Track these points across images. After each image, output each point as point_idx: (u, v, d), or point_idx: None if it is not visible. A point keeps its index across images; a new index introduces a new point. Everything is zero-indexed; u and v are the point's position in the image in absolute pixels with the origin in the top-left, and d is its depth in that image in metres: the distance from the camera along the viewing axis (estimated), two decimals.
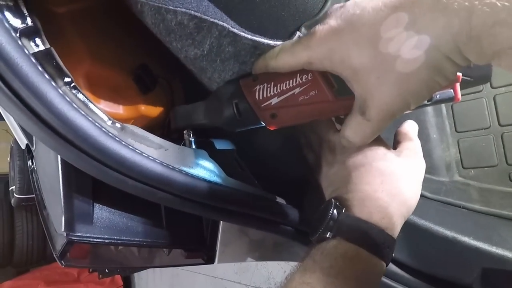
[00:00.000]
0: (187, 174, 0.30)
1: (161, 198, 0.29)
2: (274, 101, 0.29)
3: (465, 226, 0.36)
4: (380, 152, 0.31)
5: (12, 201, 1.27)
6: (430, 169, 0.44)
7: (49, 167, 0.31)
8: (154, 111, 0.40)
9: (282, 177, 0.46)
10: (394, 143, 0.35)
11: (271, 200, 0.37)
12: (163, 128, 0.44)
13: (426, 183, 0.45)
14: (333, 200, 0.30)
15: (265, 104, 0.29)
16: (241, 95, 0.30)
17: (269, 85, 0.29)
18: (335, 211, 0.29)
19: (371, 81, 0.23)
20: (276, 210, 0.37)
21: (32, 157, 0.37)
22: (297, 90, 0.28)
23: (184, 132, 0.37)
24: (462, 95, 0.37)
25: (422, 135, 0.45)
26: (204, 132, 0.46)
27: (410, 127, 0.35)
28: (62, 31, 0.33)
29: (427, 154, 0.45)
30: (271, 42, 0.30)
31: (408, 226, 0.38)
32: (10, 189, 1.30)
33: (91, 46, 0.34)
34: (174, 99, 0.43)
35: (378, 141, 0.32)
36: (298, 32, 0.33)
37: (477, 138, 0.42)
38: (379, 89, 0.23)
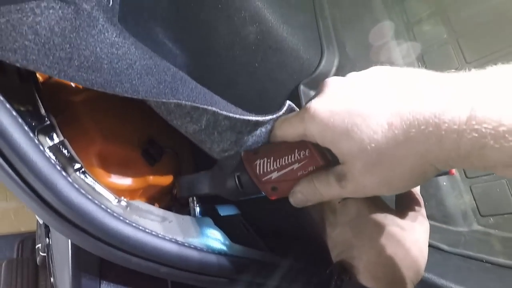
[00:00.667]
0: (190, 246, 0.31)
1: (165, 273, 0.30)
2: (274, 175, 0.30)
3: (490, 285, 0.33)
4: (380, 213, 0.31)
5: (38, 259, 1.28)
6: (446, 218, 0.42)
7: (61, 245, 0.32)
8: (162, 180, 0.42)
9: (289, 234, 0.45)
10: (396, 199, 0.34)
11: (278, 265, 0.36)
12: (172, 193, 0.46)
13: (443, 234, 0.43)
14: (337, 266, 0.29)
15: (266, 178, 0.30)
16: (243, 169, 0.31)
17: (269, 160, 0.30)
18: (339, 279, 0.28)
19: (356, 165, 0.23)
20: (283, 275, 0.36)
21: (49, 232, 0.39)
22: (296, 166, 0.29)
23: (189, 200, 0.38)
24: None
25: (431, 183, 0.44)
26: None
27: None
28: (76, 116, 0.37)
29: (440, 203, 0.44)
30: (260, 118, 0.32)
31: (427, 286, 0.35)
32: (36, 247, 1.32)
33: (103, 127, 0.37)
34: (182, 166, 0.45)
35: (377, 202, 0.32)
36: (287, 102, 0.35)
37: (490, 184, 0.40)
38: (361, 173, 0.23)
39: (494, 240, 0.38)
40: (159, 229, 0.31)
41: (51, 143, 0.28)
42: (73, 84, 0.38)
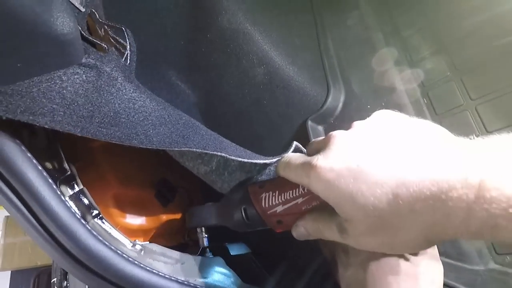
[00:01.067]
0: None
1: None
2: (279, 209, 0.30)
3: None
4: (394, 255, 0.31)
5: None
6: (461, 256, 0.41)
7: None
8: (174, 219, 0.43)
9: (301, 272, 0.45)
10: None
11: None
12: (184, 230, 0.47)
13: (458, 273, 0.42)
14: None
15: (271, 211, 0.31)
16: (249, 202, 0.32)
17: (274, 194, 0.31)
18: None
19: (358, 227, 0.23)
20: None
21: (66, 274, 0.40)
22: (300, 200, 0.29)
23: (198, 230, 0.39)
24: None
25: None
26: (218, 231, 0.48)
27: None
28: (95, 161, 0.39)
29: (454, 240, 0.43)
30: (267, 161, 0.33)
31: None
32: (52, 281, 1.31)
33: (119, 172, 0.39)
34: (194, 204, 0.46)
35: None
36: (294, 143, 0.37)
37: None
38: (363, 234, 0.23)
39: None
40: (172, 272, 0.31)
41: (71, 192, 0.30)
42: None
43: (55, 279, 1.27)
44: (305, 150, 0.38)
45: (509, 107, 0.41)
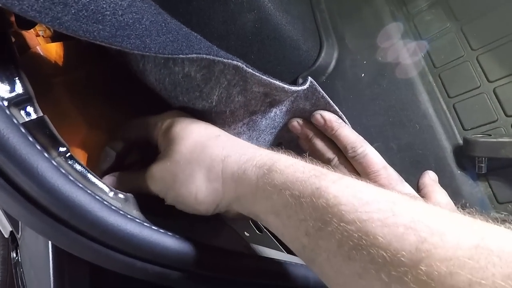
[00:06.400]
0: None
1: (176, 279, 0.24)
2: None
3: None
4: None
5: None
6: (463, 206, 0.41)
7: (37, 257, 0.25)
8: None
9: None
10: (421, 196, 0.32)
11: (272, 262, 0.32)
12: None
13: None
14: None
15: None
16: None
17: None
18: None
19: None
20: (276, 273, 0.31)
21: (16, 247, 0.31)
22: None
23: None
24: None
25: (446, 172, 0.43)
26: None
27: (431, 180, 0.34)
28: (57, 100, 0.31)
29: (456, 192, 0.42)
30: (285, 86, 0.28)
31: None
32: None
33: (87, 114, 0.31)
34: None
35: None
36: (309, 78, 0.32)
37: (505, 170, 0.39)
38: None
39: None
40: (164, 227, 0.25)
41: (26, 118, 0.22)
42: (52, 61, 0.32)
43: None
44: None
45: (511, 56, 0.40)
